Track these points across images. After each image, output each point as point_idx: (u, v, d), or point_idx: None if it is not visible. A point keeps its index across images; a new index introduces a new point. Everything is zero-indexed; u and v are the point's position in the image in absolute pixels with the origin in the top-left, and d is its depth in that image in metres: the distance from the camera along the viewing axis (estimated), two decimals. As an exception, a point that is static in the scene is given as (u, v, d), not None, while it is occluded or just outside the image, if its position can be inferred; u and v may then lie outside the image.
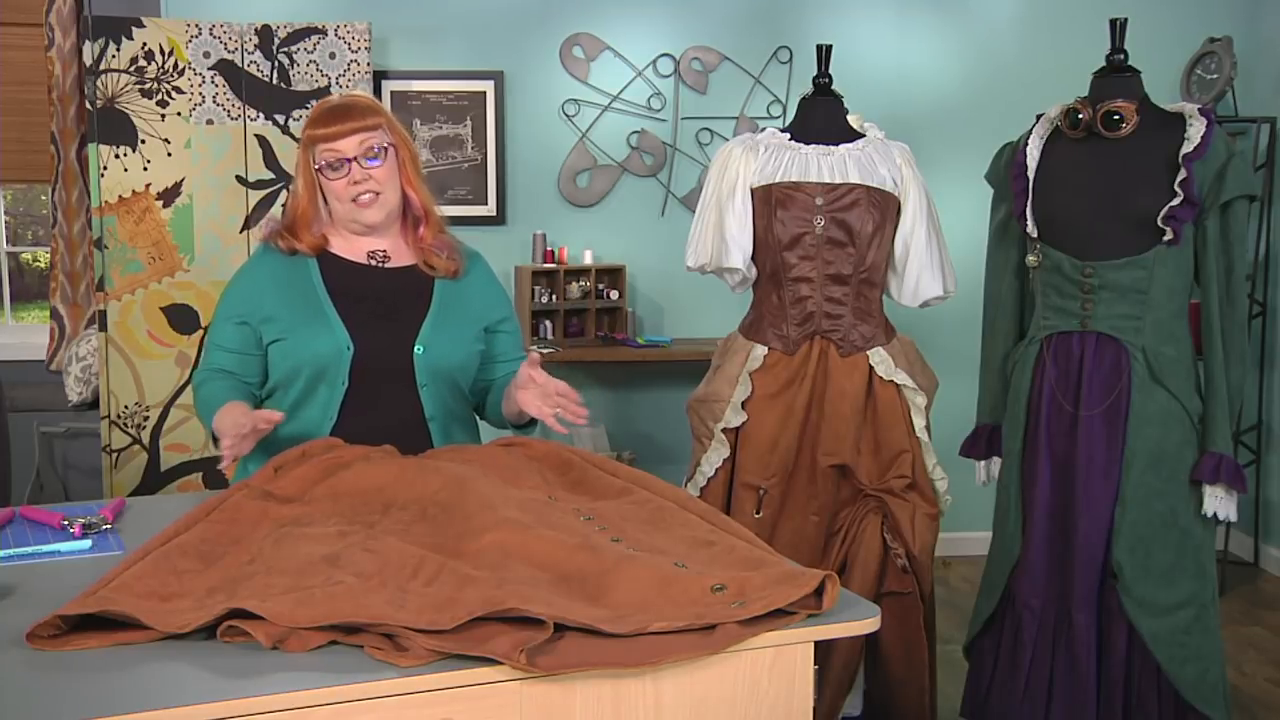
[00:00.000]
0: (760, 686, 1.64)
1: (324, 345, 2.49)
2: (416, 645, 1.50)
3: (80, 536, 2.05)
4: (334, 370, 2.49)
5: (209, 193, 4.61)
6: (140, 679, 1.46)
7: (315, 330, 2.50)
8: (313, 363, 2.49)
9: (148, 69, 4.52)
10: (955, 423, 3.69)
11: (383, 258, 2.62)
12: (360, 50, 4.65)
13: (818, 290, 3.13)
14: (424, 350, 2.53)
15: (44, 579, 1.84)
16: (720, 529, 1.93)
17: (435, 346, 2.55)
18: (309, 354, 2.49)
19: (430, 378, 2.55)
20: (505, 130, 5.07)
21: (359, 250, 2.61)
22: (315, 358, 2.49)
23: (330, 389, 2.50)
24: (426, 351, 2.54)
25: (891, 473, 3.13)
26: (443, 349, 2.56)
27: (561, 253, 4.99)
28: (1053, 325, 3.00)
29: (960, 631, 3.63)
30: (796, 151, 3.15)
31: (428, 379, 2.54)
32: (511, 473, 2.16)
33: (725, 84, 5.15)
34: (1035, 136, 3.05)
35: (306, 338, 2.49)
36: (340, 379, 2.49)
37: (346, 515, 2.00)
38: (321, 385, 2.50)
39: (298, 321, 2.51)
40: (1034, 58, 5.19)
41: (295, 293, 2.55)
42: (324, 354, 2.48)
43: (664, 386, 5.23)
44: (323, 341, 2.49)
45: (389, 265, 2.62)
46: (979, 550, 3.79)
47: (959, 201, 4.78)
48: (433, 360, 2.54)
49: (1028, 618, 3.04)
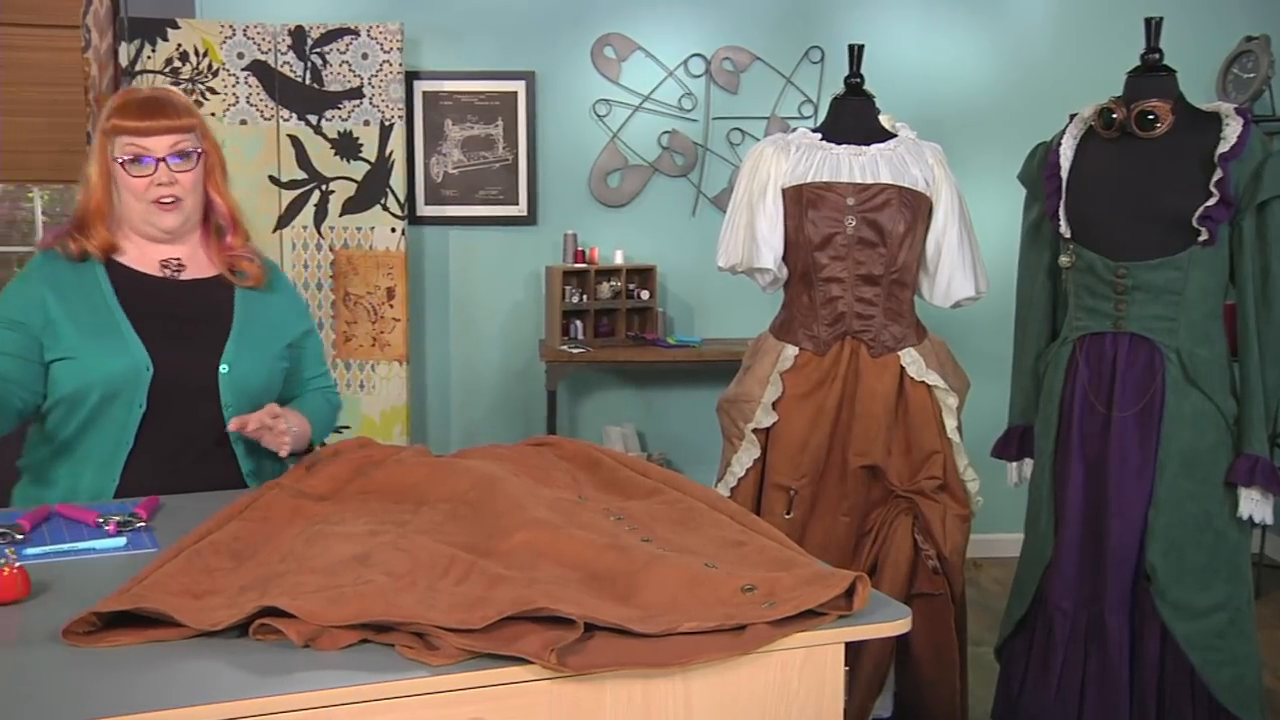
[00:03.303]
0: (790, 687, 1.64)
1: (119, 365, 2.33)
2: (447, 644, 1.51)
3: (115, 534, 2.06)
4: (130, 391, 2.34)
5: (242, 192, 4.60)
6: (174, 675, 1.47)
7: (109, 348, 2.34)
8: (106, 383, 2.33)
9: (182, 70, 4.55)
10: (987, 424, 3.67)
11: (177, 267, 2.47)
12: (392, 50, 4.66)
13: (849, 290, 3.12)
14: (229, 369, 2.41)
15: (79, 576, 1.85)
16: (750, 529, 1.93)
17: (240, 365, 2.43)
18: (102, 374, 2.32)
19: (235, 397, 2.41)
20: (536, 130, 5.08)
21: (150, 259, 2.46)
22: (109, 378, 2.33)
23: (126, 410, 2.34)
24: (232, 370, 2.41)
25: (922, 474, 3.12)
26: (248, 367, 2.44)
27: (592, 253, 5.00)
28: (1085, 326, 2.98)
29: (991, 633, 3.61)
30: (828, 152, 3.14)
31: (233, 399, 2.41)
32: (541, 472, 2.17)
33: (756, 84, 5.14)
34: (1068, 136, 3.03)
35: (99, 356, 2.33)
36: (137, 400, 2.34)
37: (378, 514, 2.01)
38: (115, 406, 2.34)
39: (89, 339, 2.34)
40: (1067, 57, 5.16)
41: (83, 306, 2.37)
42: (119, 374, 2.33)
43: (694, 387, 5.23)
44: (118, 361, 2.33)
45: (184, 276, 2.47)
46: (1010, 552, 3.77)
47: (991, 201, 4.76)
48: (238, 379, 2.42)
49: (1060, 620, 3.02)
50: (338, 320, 4.78)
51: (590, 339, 4.93)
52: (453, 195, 5.09)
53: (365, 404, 4.80)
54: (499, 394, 5.25)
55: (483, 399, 5.25)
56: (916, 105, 4.91)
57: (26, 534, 2.05)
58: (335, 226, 4.74)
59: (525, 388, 5.21)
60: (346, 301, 4.77)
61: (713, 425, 3.45)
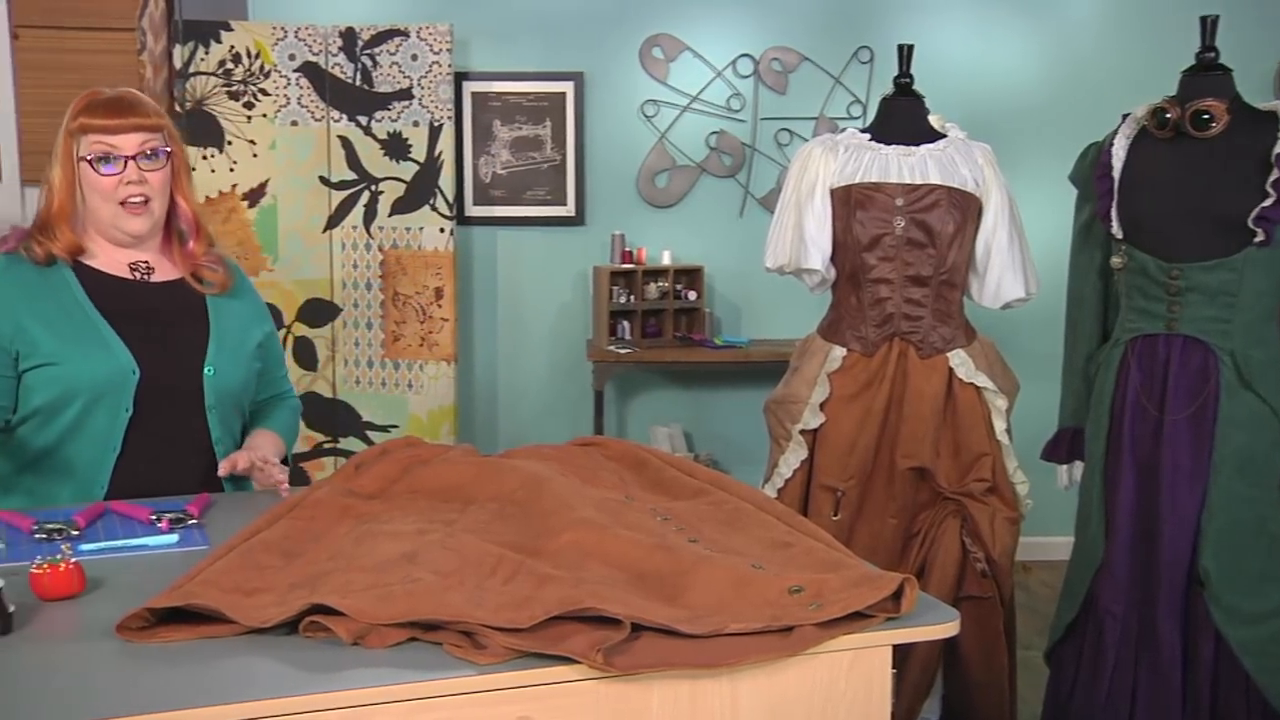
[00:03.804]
0: (838, 689, 1.63)
1: (105, 370, 2.30)
2: (494, 643, 1.51)
3: (167, 531, 2.08)
4: (115, 395, 2.31)
5: (293, 193, 4.68)
6: (224, 671, 1.48)
7: (93, 354, 2.31)
8: (91, 388, 2.30)
9: (235, 71, 4.59)
10: (1036, 426, 3.64)
11: (146, 270, 2.44)
12: (442, 52, 4.69)
13: (897, 291, 3.10)
14: (214, 372, 2.41)
15: (132, 572, 1.87)
16: (797, 531, 1.92)
17: (223, 368, 2.43)
18: (87, 379, 2.29)
19: (218, 400, 2.42)
20: (584, 131, 5.09)
21: (119, 262, 2.42)
22: (94, 383, 2.30)
23: (111, 415, 2.32)
24: (216, 373, 2.41)
25: (971, 476, 3.10)
26: (229, 370, 2.44)
27: (640, 253, 5.00)
28: (1137, 328, 2.95)
29: (1041, 637, 3.58)
30: (877, 152, 3.13)
31: (216, 401, 2.42)
32: (588, 472, 2.17)
33: (805, 84, 5.13)
34: (1121, 136, 3.00)
35: (83, 362, 2.30)
36: (124, 405, 2.32)
37: (425, 513, 2.02)
38: (99, 411, 2.31)
39: (70, 345, 2.30)
40: (1119, 56, 5.11)
41: (57, 311, 2.33)
42: (105, 380, 2.30)
43: (741, 387, 5.22)
44: (103, 366, 2.30)
45: (154, 280, 2.44)
46: (1060, 555, 3.74)
47: (1042, 202, 4.72)
48: (221, 382, 2.42)
49: (1110, 624, 2.99)
50: (386, 320, 4.81)
51: (637, 339, 4.93)
52: (501, 196, 5.11)
53: (413, 404, 4.82)
54: (546, 394, 5.26)
55: (530, 399, 5.27)
56: (966, 105, 4.88)
57: (81, 530, 2.08)
58: (384, 227, 4.77)
59: (572, 388, 5.22)
60: (395, 301, 4.80)
61: (760, 426, 3.44)
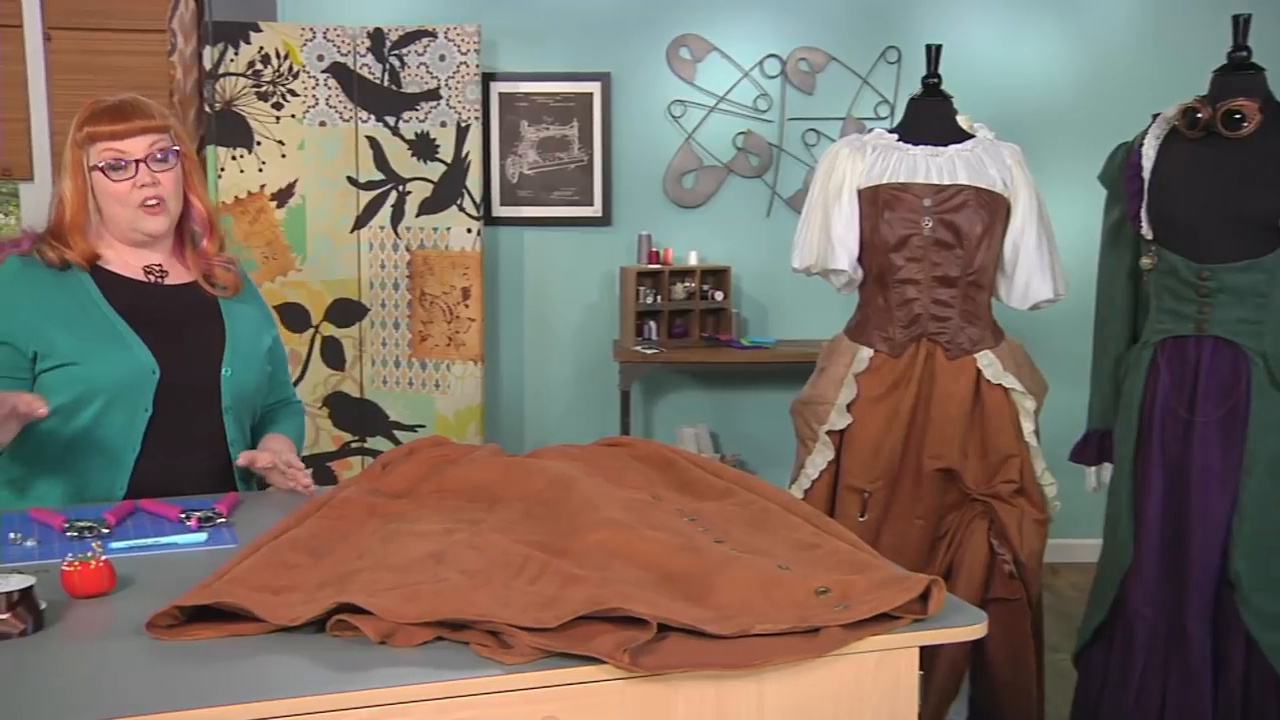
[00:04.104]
0: (864, 690, 1.63)
1: (125, 370, 2.31)
2: (521, 643, 1.51)
3: (196, 529, 2.10)
4: (135, 395, 2.32)
5: (321, 193, 4.71)
6: (252, 669, 1.49)
7: (114, 354, 2.32)
8: (111, 388, 2.31)
9: (264, 72, 4.62)
10: (1065, 427, 3.62)
11: (160, 272, 2.45)
12: (470, 52, 4.70)
13: (924, 292, 3.09)
14: (231, 372, 2.43)
15: (162, 570, 1.88)
16: (824, 532, 1.92)
17: (239, 369, 2.45)
18: (108, 379, 2.31)
19: (234, 400, 2.44)
20: (612, 131, 5.10)
21: (133, 265, 2.43)
22: (115, 383, 2.31)
23: (130, 415, 2.33)
24: (233, 374, 2.43)
25: (999, 477, 3.09)
26: (245, 370, 2.46)
27: (667, 254, 5.00)
28: (1167, 329, 2.93)
29: (1069, 640, 3.56)
30: (904, 152, 3.12)
31: (232, 402, 2.44)
32: (615, 472, 2.17)
33: (832, 85, 5.12)
34: (1151, 136, 2.98)
35: (104, 362, 2.31)
36: (143, 404, 2.33)
37: (452, 512, 2.02)
38: (118, 411, 2.33)
39: (90, 345, 2.31)
40: (1150, 56, 5.08)
41: (75, 312, 2.34)
42: (125, 379, 2.31)
43: (768, 388, 5.21)
44: (124, 366, 2.31)
45: (168, 282, 2.46)
46: (1089, 557, 3.72)
47: (1071, 203, 4.70)
48: (238, 383, 2.44)
49: (1140, 627, 2.97)
50: (413, 320, 4.83)
51: (664, 340, 4.93)
52: (528, 196, 5.12)
53: (440, 403, 4.84)
54: (572, 394, 5.27)
55: (556, 399, 5.27)
56: (995, 105, 4.86)
57: (112, 529, 2.09)
58: (412, 227, 4.78)
59: (598, 388, 5.23)
60: (422, 301, 4.81)
61: (786, 427, 3.44)
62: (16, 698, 1.42)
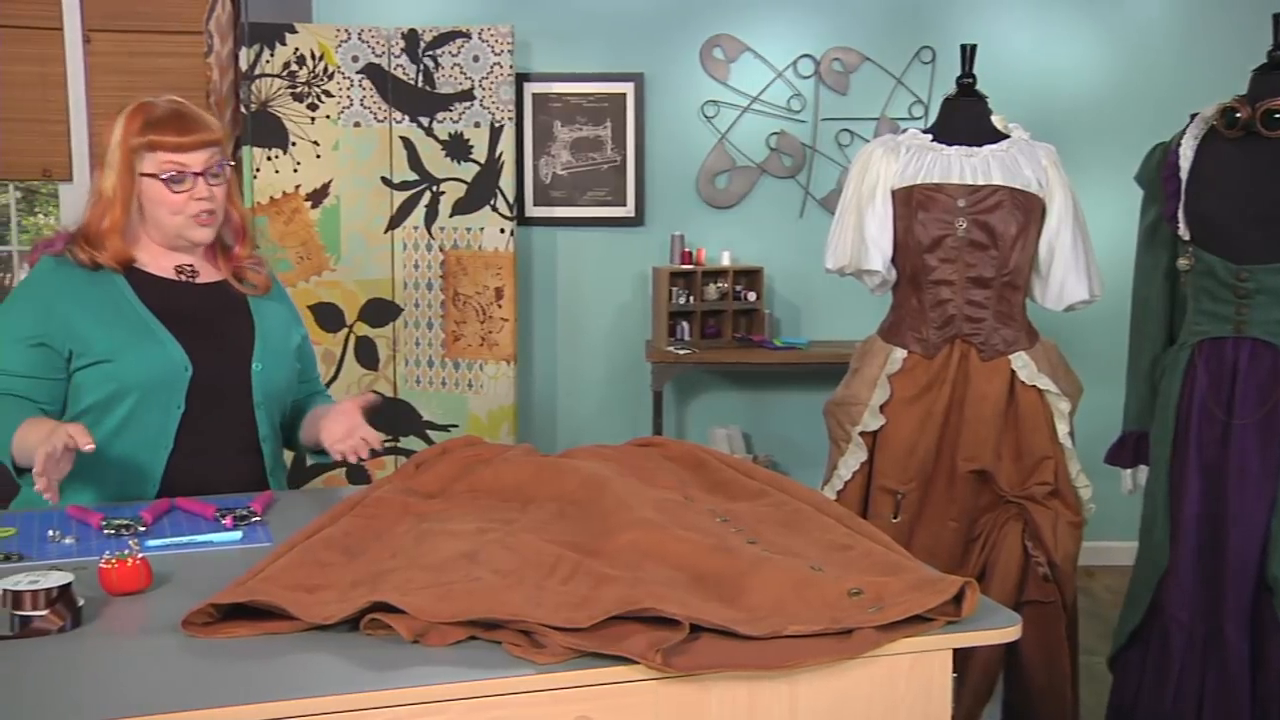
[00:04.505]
0: (897, 692, 1.62)
1: (159, 368, 2.33)
2: (553, 642, 1.52)
3: (231, 528, 2.11)
4: (168, 392, 2.35)
5: (355, 193, 4.73)
6: (286, 668, 1.50)
7: (147, 351, 2.34)
8: (144, 385, 2.33)
9: (299, 73, 4.64)
10: (1100, 429, 3.60)
11: (191, 272, 2.47)
12: (503, 53, 4.71)
13: (958, 293, 3.08)
14: (261, 369, 2.45)
15: (197, 568, 1.90)
16: (857, 533, 1.91)
17: (269, 364, 2.47)
18: (142, 376, 2.33)
19: (265, 397, 2.46)
20: (645, 132, 5.10)
21: (166, 265, 2.45)
22: (148, 380, 2.33)
23: (163, 412, 2.35)
24: (264, 370, 2.45)
25: (1033, 479, 3.07)
26: (275, 367, 2.48)
27: (699, 254, 5.00)
28: (1204, 330, 2.91)
29: (1104, 643, 3.54)
30: (938, 153, 3.11)
31: (263, 398, 2.46)
32: (647, 473, 2.17)
33: (866, 85, 5.10)
34: (1189, 136, 2.96)
35: (138, 360, 2.32)
36: (176, 401, 2.35)
37: (485, 512, 2.03)
38: (152, 408, 2.35)
39: (124, 343, 2.33)
40: (1187, 55, 5.04)
41: (109, 311, 2.36)
42: (159, 376, 2.33)
43: (801, 389, 5.20)
44: (157, 363, 2.33)
45: (199, 281, 2.48)
46: (1124, 560, 3.70)
47: (1107, 203, 4.67)
48: (268, 379, 2.46)
49: (1176, 631, 2.95)
50: (447, 320, 4.84)
51: (696, 340, 4.93)
52: (561, 196, 5.13)
53: (473, 403, 4.85)
54: (605, 395, 5.27)
55: (589, 399, 5.28)
56: (1030, 106, 4.83)
57: (148, 526, 2.11)
58: (445, 227, 4.80)
59: (631, 389, 5.23)
60: (456, 301, 4.83)
61: (819, 428, 3.43)
62: (55, 693, 1.44)
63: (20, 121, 4.93)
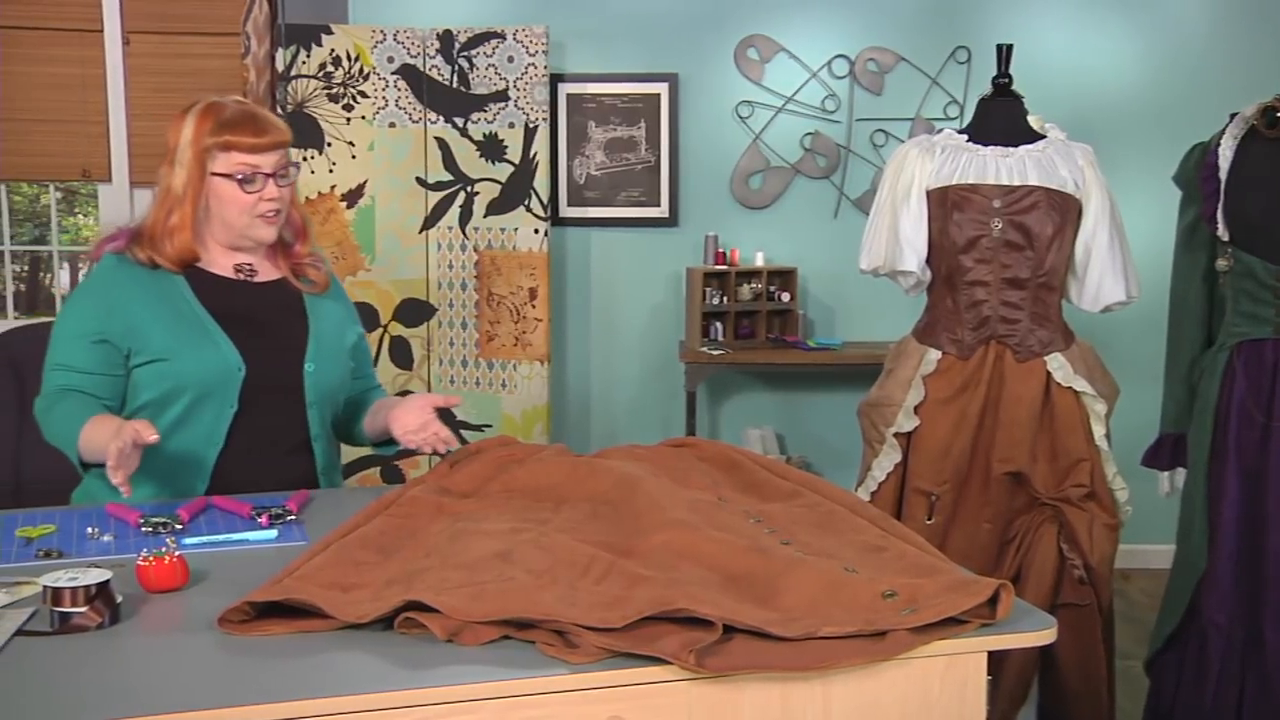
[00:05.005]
0: (931, 695, 1.62)
1: (212, 366, 2.37)
2: (586, 642, 1.52)
3: (267, 526, 2.13)
4: (222, 391, 2.38)
5: (390, 194, 4.75)
6: (321, 666, 1.51)
7: (202, 351, 2.37)
8: (199, 384, 2.36)
9: (335, 74, 4.67)
10: (1137, 431, 3.57)
11: (250, 271, 2.50)
12: (538, 54, 4.72)
13: (994, 294, 3.06)
14: (314, 368, 2.47)
15: (233, 566, 1.91)
16: (891, 534, 1.91)
17: (322, 364, 2.49)
18: (196, 375, 2.36)
19: (317, 396, 2.48)
20: (679, 132, 5.10)
21: (226, 264, 2.48)
22: (203, 379, 2.36)
23: (217, 410, 2.38)
24: (316, 370, 2.47)
25: (1069, 481, 3.05)
26: (328, 366, 2.50)
27: (733, 254, 5.00)
28: (1244, 332, 2.88)
29: (1140, 647, 3.51)
30: (974, 153, 3.09)
31: (315, 397, 2.48)
32: (681, 473, 2.17)
33: (901, 85, 5.08)
34: (1228, 136, 2.93)
35: (193, 358, 2.36)
36: (229, 400, 2.38)
37: (519, 512, 2.03)
38: (205, 407, 2.38)
39: (180, 342, 2.36)
40: (1227, 54, 4.99)
41: (168, 309, 2.39)
42: (212, 375, 2.36)
43: (834, 390, 5.19)
44: (211, 362, 2.37)
45: (257, 280, 2.51)
46: (1160, 563, 3.67)
47: (1144, 203, 4.63)
48: (320, 379, 2.48)
49: (1214, 635, 2.92)
50: (480, 320, 4.86)
51: (730, 341, 4.93)
52: (595, 197, 5.13)
53: (506, 403, 4.86)
54: (638, 395, 5.28)
55: (622, 399, 5.28)
56: (1067, 105, 4.80)
57: (185, 525, 2.12)
58: (480, 227, 4.81)
59: (664, 389, 5.23)
60: (490, 301, 4.84)
61: (853, 429, 3.42)
62: (94, 688, 1.45)
63: (60, 123, 4.99)
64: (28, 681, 1.47)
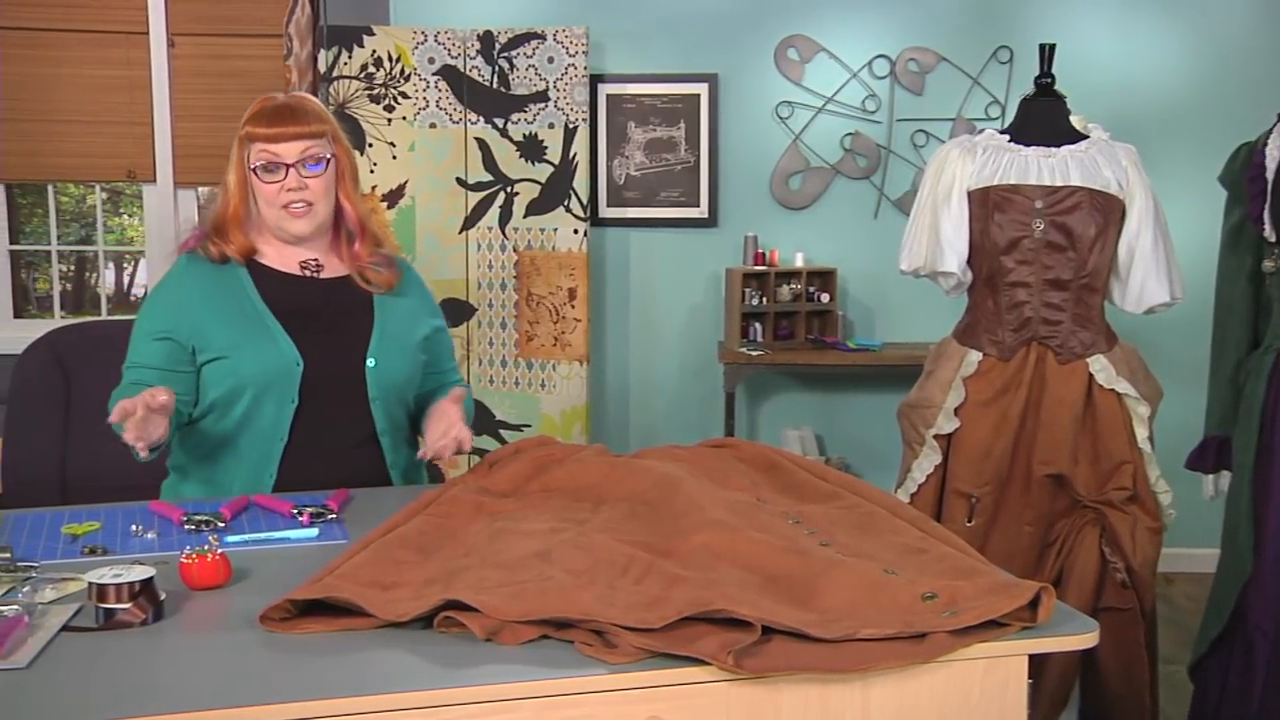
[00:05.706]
0: (971, 698, 1.61)
1: (271, 362, 2.39)
2: (625, 642, 1.52)
3: (308, 525, 2.14)
4: (282, 387, 2.40)
5: (430, 194, 4.77)
6: (362, 664, 1.52)
7: (261, 347, 2.40)
8: (259, 380, 2.39)
9: (376, 75, 4.69)
10: (1180, 434, 3.54)
11: (316, 267, 2.52)
12: (578, 54, 4.73)
13: (1035, 295, 3.04)
14: (376, 364, 2.47)
15: (274, 564, 1.93)
16: (931, 536, 1.90)
17: (385, 359, 2.48)
18: (255, 372, 2.39)
19: (381, 392, 2.48)
20: (718, 132, 5.09)
21: (290, 260, 2.51)
22: (262, 375, 2.39)
23: (279, 406, 2.41)
24: (378, 365, 2.47)
25: (1111, 484, 3.03)
26: (392, 362, 2.50)
27: (773, 255, 4.99)
28: (1290, 334, 2.85)
29: (1184, 651, 3.48)
30: (1016, 153, 3.07)
31: (379, 393, 2.48)
32: (720, 474, 2.17)
33: (942, 85, 5.06)
34: (1276, 136, 2.90)
35: (252, 355, 2.39)
36: (290, 396, 2.40)
37: (558, 512, 2.04)
38: (268, 403, 2.40)
39: (240, 338, 2.40)
40: (1273, 53, 4.94)
41: (231, 307, 2.43)
42: (271, 371, 2.39)
43: (874, 391, 5.17)
44: (270, 359, 2.39)
45: (323, 276, 2.53)
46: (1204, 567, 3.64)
47: (1189, 204, 4.59)
48: (383, 374, 2.48)
49: (1260, 640, 2.89)
50: (520, 320, 4.87)
51: (769, 341, 4.92)
52: (634, 197, 5.13)
53: (545, 403, 4.87)
54: (677, 395, 5.27)
55: (661, 400, 5.28)
56: (1110, 105, 4.77)
57: (227, 523, 2.14)
58: (519, 228, 4.83)
59: (703, 389, 5.23)
60: (529, 301, 4.85)
61: (893, 430, 3.41)
62: (137, 684, 1.47)
63: (106, 124, 5.04)
64: (73, 677, 1.48)
